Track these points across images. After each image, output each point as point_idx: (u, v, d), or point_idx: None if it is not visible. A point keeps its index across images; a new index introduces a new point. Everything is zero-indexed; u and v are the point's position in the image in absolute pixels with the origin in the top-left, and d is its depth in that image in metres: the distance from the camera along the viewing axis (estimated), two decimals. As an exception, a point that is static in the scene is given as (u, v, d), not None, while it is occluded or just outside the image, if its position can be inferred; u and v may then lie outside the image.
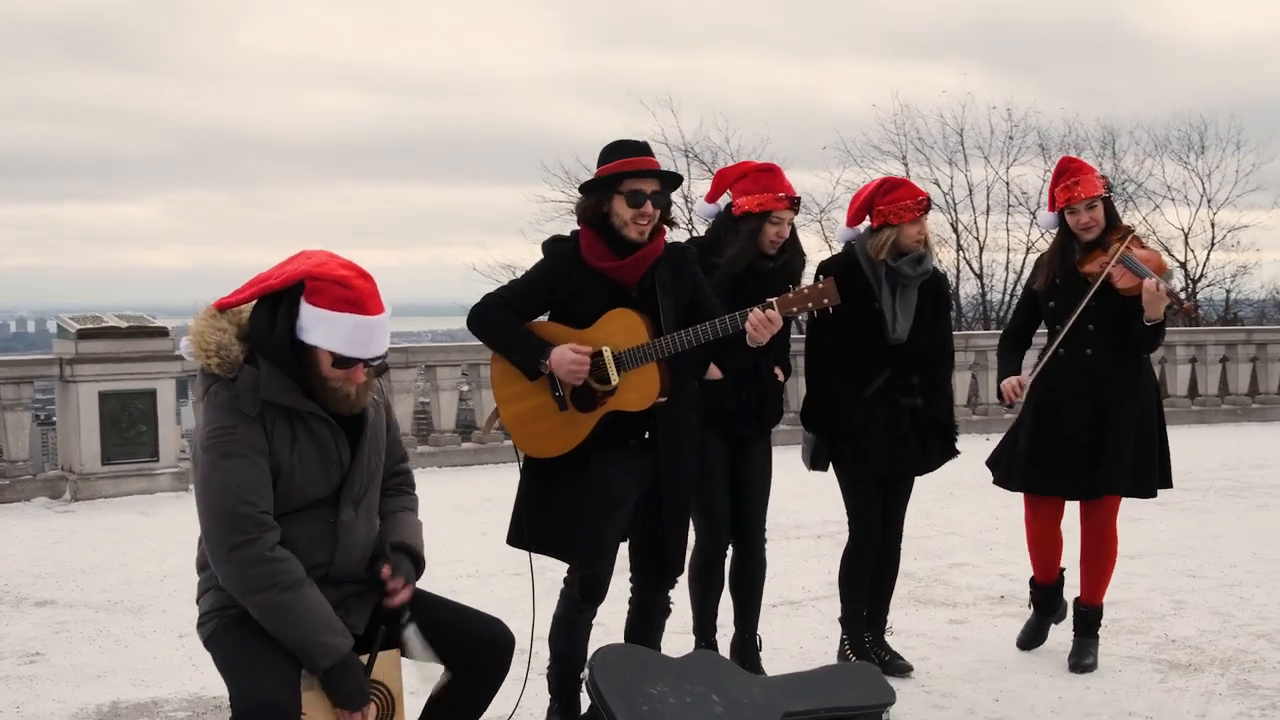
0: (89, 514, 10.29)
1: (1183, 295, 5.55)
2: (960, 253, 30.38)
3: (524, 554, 4.76)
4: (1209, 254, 30.61)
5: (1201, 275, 30.79)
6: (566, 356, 4.45)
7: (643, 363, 4.50)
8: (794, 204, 5.33)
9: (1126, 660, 5.76)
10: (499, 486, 10.60)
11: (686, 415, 4.71)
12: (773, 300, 4.52)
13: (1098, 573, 5.75)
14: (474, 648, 3.90)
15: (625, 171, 4.51)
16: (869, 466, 5.46)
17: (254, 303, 3.72)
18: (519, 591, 4.31)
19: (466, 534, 8.94)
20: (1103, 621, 5.82)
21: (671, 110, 33.63)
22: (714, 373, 5.13)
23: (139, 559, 8.38)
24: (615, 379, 4.49)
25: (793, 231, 5.42)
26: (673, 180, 4.65)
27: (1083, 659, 5.66)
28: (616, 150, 4.61)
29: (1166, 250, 30.32)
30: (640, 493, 4.63)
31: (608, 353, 4.48)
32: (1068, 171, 5.65)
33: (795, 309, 4.59)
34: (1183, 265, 30.54)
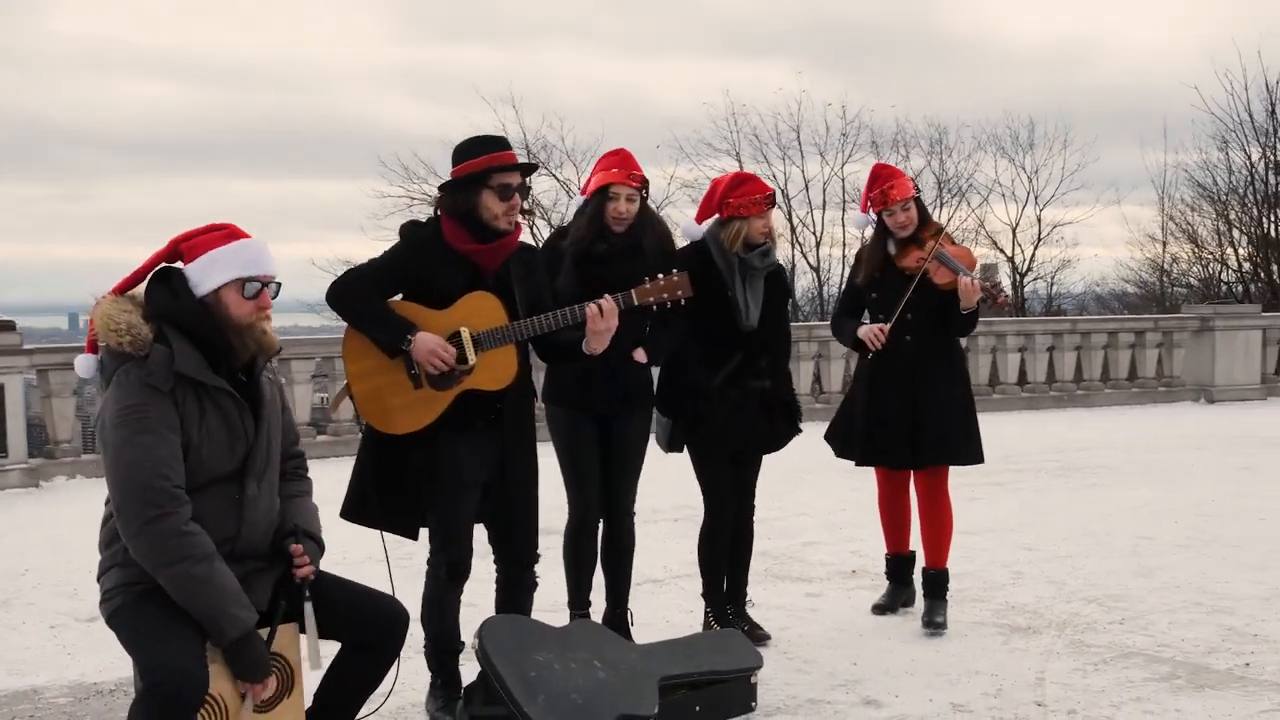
0: (-63, 512, 10.10)
1: (993, 287, 6.02)
2: (796, 247, 31.11)
3: (394, 540, 4.86)
4: (1035, 249, 31.87)
5: (1028, 269, 32.04)
6: (429, 345, 4.54)
7: (500, 344, 4.64)
8: (638, 181, 5.52)
9: (972, 625, 6.16)
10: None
11: (528, 399, 4.90)
12: (619, 294, 4.72)
13: (936, 537, 6.19)
14: (371, 624, 4.08)
15: (493, 167, 4.64)
16: (721, 446, 5.77)
17: (147, 282, 3.87)
18: (385, 576, 4.50)
19: (327, 523, 8.95)
20: (949, 590, 6.21)
21: (514, 106, 33.81)
22: (640, 356, 5.44)
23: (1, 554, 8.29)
24: (473, 359, 4.62)
25: (646, 211, 5.63)
26: (530, 170, 4.81)
27: (934, 618, 6.07)
28: (478, 146, 4.73)
29: (994, 244, 31.50)
30: (488, 474, 4.77)
31: (466, 333, 4.60)
32: (881, 177, 6.15)
33: (651, 299, 4.78)
34: (1010, 259, 31.71)
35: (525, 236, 4.99)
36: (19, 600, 7.03)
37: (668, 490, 7.02)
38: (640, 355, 5.57)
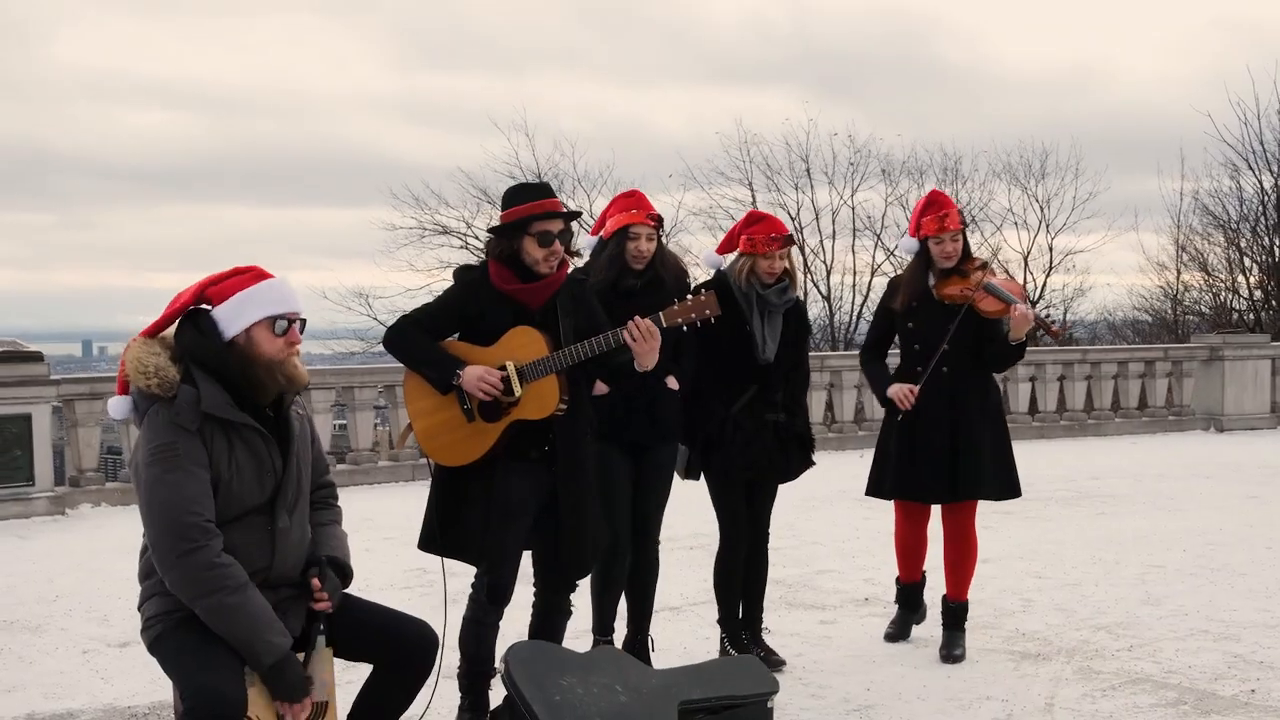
0: (-34, 538, 10.27)
1: (1046, 317, 6.13)
2: (807, 275, 31.23)
3: (415, 569, 5.05)
4: (1047, 277, 31.97)
5: (1040, 297, 32.12)
6: (476, 373, 4.81)
7: (543, 374, 4.86)
8: (655, 221, 5.74)
9: (983, 652, 6.29)
10: (377, 507, 10.90)
11: (582, 432, 5.08)
12: (649, 317, 4.89)
13: (961, 571, 6.29)
14: (401, 646, 4.22)
15: (534, 214, 4.89)
16: (736, 474, 5.93)
17: (177, 324, 4.06)
18: (409, 604, 4.68)
19: (353, 551, 9.14)
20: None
21: (526, 133, 33.97)
22: (600, 388, 5.51)
23: (25, 581, 8.45)
24: (519, 390, 4.86)
25: (662, 250, 5.85)
26: (573, 217, 5.08)
27: (953, 650, 6.18)
28: (521, 194, 5.00)
29: (1007, 273, 31.59)
30: (540, 502, 4.98)
31: (511, 367, 4.84)
32: (938, 204, 6.22)
33: (680, 320, 4.93)
34: (1022, 287, 31.72)
35: None
36: (52, 625, 7.19)
37: (685, 518, 7.19)
38: (673, 382, 5.75)
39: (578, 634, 5.90)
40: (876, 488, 6.34)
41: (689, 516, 7.91)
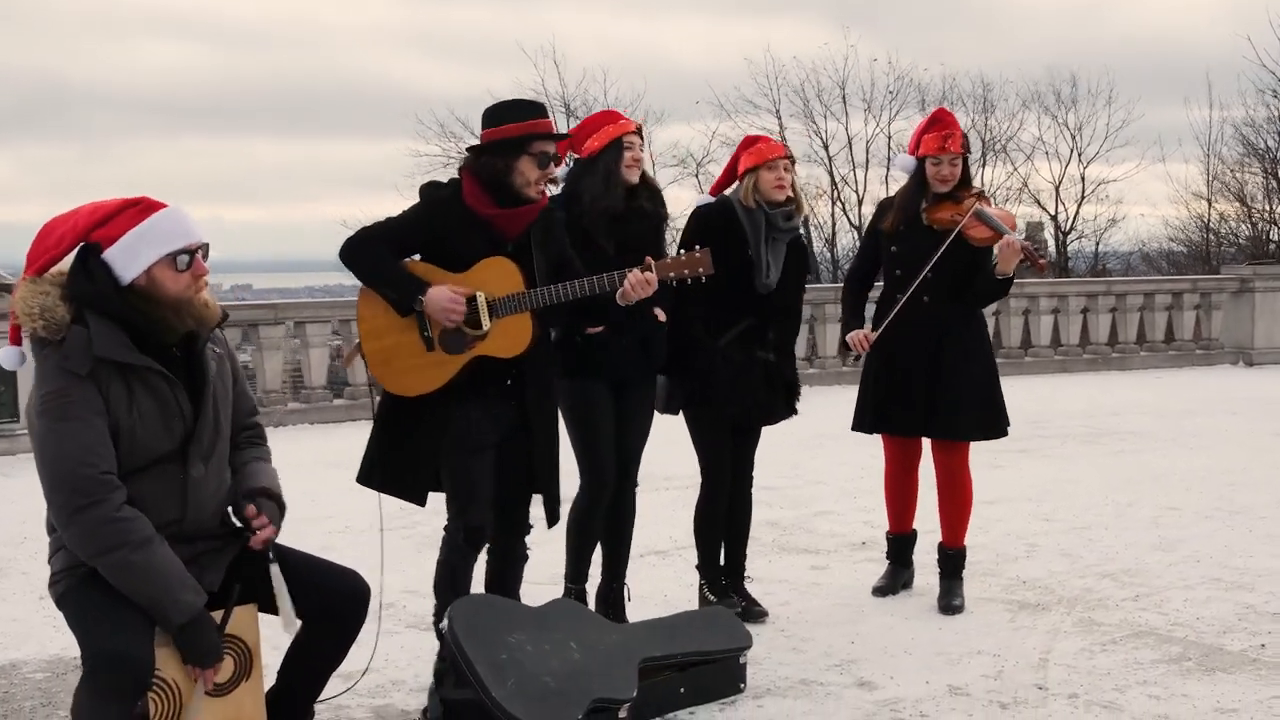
0: (-52, 476, 10.06)
1: (1034, 248, 5.73)
2: (838, 204, 30.77)
3: (399, 509, 4.76)
4: (1079, 207, 31.35)
5: (1071, 228, 31.53)
6: (444, 296, 4.46)
7: (516, 311, 4.55)
8: (637, 127, 5.38)
9: (978, 601, 5.95)
10: (340, 446, 10.59)
11: (548, 366, 4.80)
12: (651, 262, 4.64)
13: (955, 515, 5.94)
14: (331, 599, 3.93)
15: (535, 133, 4.56)
16: (718, 408, 5.56)
17: (72, 260, 3.70)
18: (390, 546, 4.37)
19: (338, 490, 8.80)
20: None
21: (555, 60, 33.50)
22: (660, 315, 5.28)
23: (1, 520, 8.22)
24: (487, 324, 4.53)
25: (646, 173, 5.48)
26: (564, 138, 4.79)
27: (950, 600, 5.84)
28: (517, 110, 4.64)
29: (1037, 202, 31.04)
30: (498, 439, 4.67)
31: (482, 298, 4.51)
32: (942, 123, 5.81)
33: (671, 274, 4.68)
34: (1053, 218, 31.21)
35: None
36: (13, 569, 6.95)
37: (681, 456, 6.80)
38: (661, 314, 5.39)
39: (555, 580, 5.59)
40: (859, 421, 5.99)
41: (687, 454, 7.59)
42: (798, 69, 31.13)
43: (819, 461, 9.70)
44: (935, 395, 5.74)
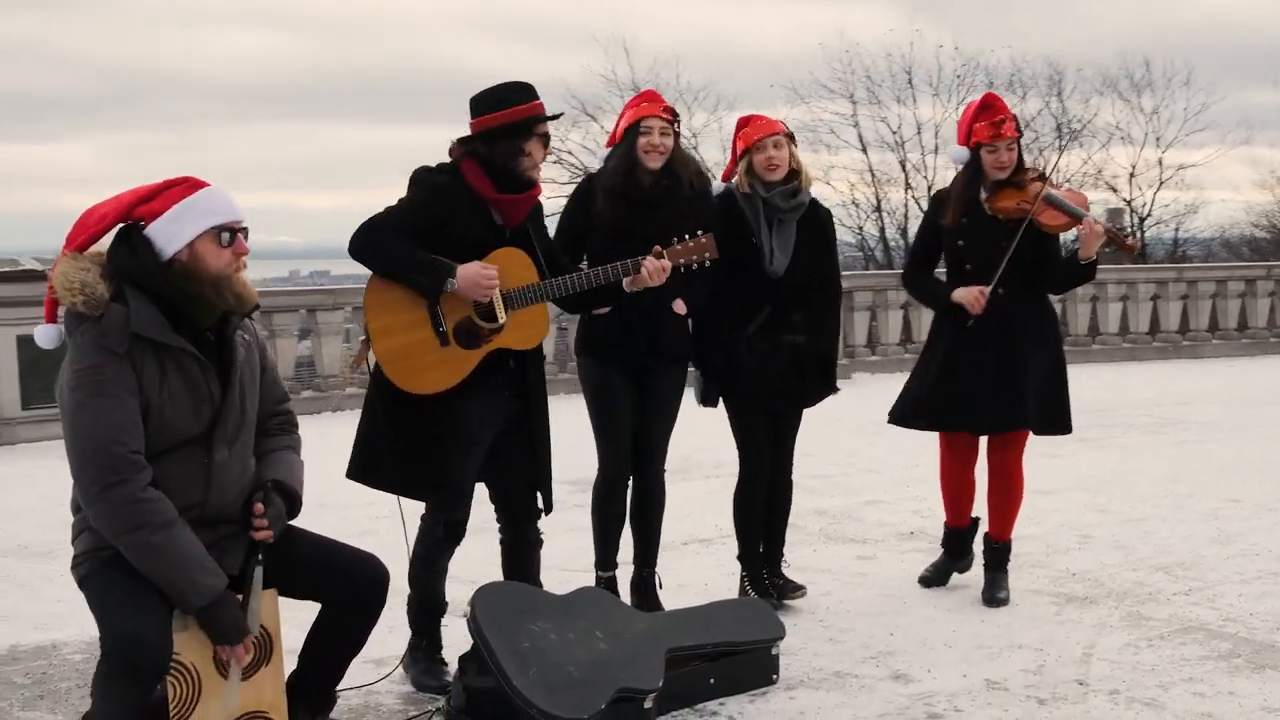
0: (8, 459, 10.20)
1: (1118, 230, 5.54)
2: (908, 191, 30.42)
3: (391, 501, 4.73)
4: (1155, 193, 30.76)
5: (1149, 214, 30.95)
6: (475, 270, 4.40)
7: (532, 303, 4.52)
8: (670, 114, 5.26)
9: (1025, 594, 5.82)
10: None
11: (541, 356, 4.78)
12: (661, 250, 4.61)
13: (1004, 508, 5.80)
14: (352, 584, 3.91)
15: (540, 115, 4.54)
16: (751, 399, 5.48)
17: (113, 237, 3.70)
18: (383, 538, 4.37)
19: (341, 482, 8.90)
20: (1011, 555, 5.87)
21: (625, 48, 33.47)
22: (679, 307, 5.26)
23: (53, 504, 8.26)
24: (503, 317, 4.48)
25: (680, 151, 5.33)
26: (557, 118, 4.75)
27: (995, 593, 5.71)
28: (517, 93, 4.58)
29: (1112, 188, 30.50)
30: (496, 430, 4.63)
31: (496, 291, 4.45)
32: (994, 108, 5.63)
33: (681, 260, 4.66)
34: (1129, 203, 30.67)
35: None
36: (63, 551, 6.86)
37: (728, 445, 6.73)
38: (680, 306, 5.32)
39: (587, 569, 5.55)
40: (901, 418, 5.84)
41: (732, 442, 7.53)
42: (862, 55, 30.73)
43: (876, 449, 9.55)
44: (1005, 390, 5.56)
